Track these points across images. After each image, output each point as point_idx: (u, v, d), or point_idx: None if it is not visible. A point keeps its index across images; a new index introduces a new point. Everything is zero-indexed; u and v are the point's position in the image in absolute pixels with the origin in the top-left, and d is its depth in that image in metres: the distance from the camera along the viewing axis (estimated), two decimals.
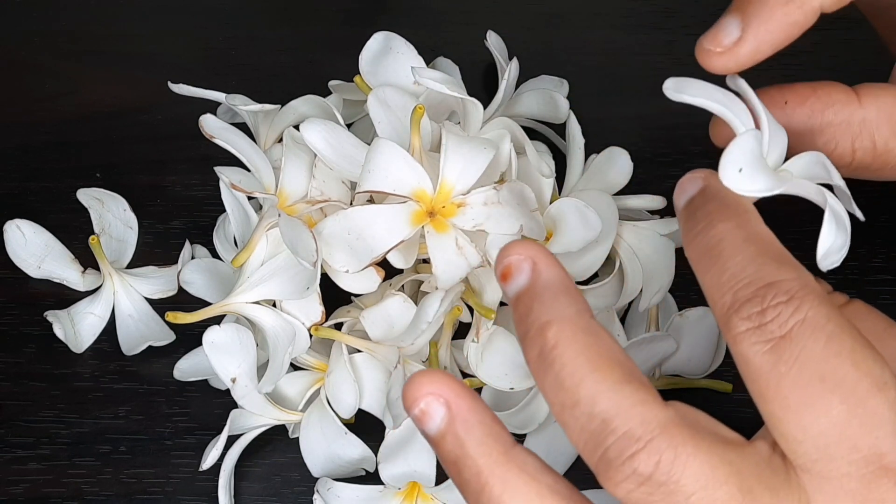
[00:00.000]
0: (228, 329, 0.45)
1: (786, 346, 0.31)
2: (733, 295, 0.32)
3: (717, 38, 0.36)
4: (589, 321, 0.33)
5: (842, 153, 0.37)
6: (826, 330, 0.31)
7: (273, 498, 0.48)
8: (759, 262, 0.32)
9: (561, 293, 0.34)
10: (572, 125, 0.50)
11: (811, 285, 0.32)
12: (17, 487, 0.48)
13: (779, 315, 0.31)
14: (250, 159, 0.47)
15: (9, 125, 0.56)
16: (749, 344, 0.32)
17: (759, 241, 0.33)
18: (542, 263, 0.34)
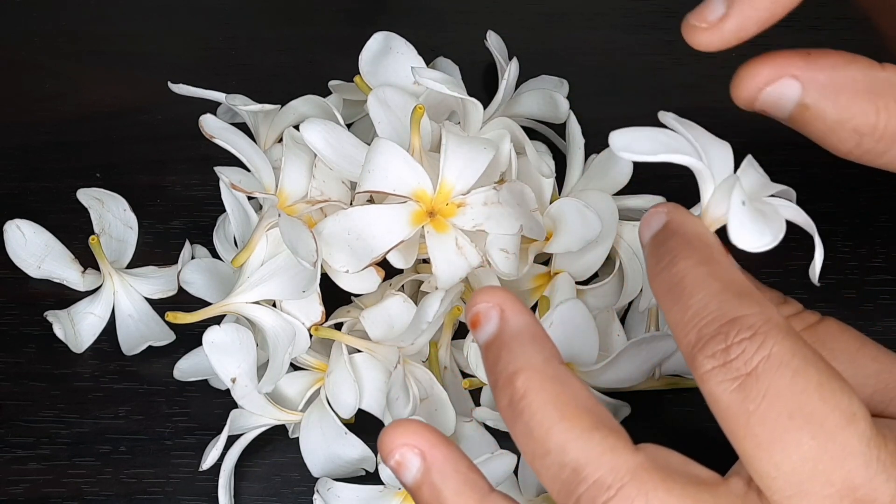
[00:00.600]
0: (228, 329, 0.45)
1: (752, 384, 0.31)
2: (697, 332, 0.32)
3: (702, 15, 0.35)
4: (557, 368, 0.33)
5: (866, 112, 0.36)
6: (792, 365, 0.31)
7: (273, 498, 0.48)
8: (722, 298, 0.32)
9: (528, 341, 0.34)
10: (572, 125, 0.50)
11: (774, 319, 0.32)
12: (17, 487, 0.48)
13: (743, 352, 0.31)
14: (250, 159, 0.47)
15: (9, 125, 0.56)
16: (716, 382, 0.32)
17: (722, 277, 0.33)
18: (510, 311, 0.34)
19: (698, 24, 0.35)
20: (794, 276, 0.51)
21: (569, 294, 0.47)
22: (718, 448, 0.34)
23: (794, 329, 0.32)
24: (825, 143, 0.37)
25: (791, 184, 0.53)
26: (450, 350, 0.48)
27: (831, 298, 0.50)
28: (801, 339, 0.32)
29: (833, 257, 0.51)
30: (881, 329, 0.50)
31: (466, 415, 0.47)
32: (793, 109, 0.36)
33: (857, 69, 0.36)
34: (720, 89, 0.56)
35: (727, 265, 0.33)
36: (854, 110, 0.36)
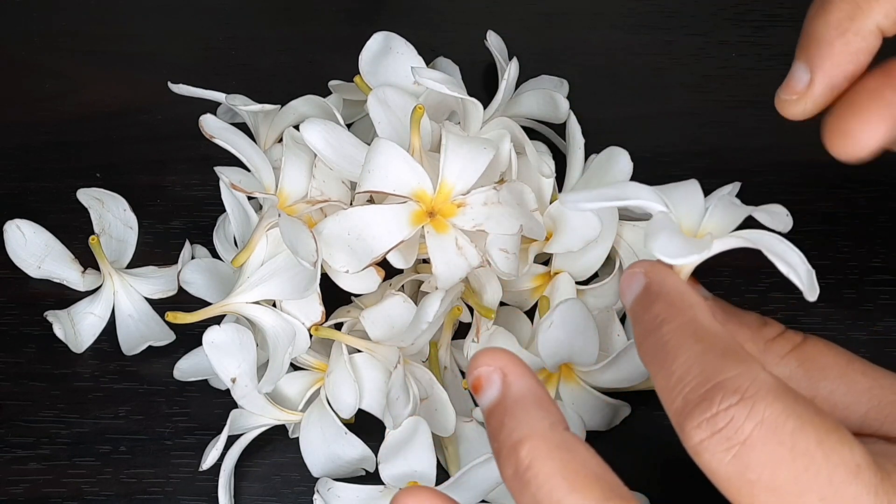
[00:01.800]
0: (228, 329, 0.45)
1: (750, 453, 0.30)
2: (683, 399, 0.31)
3: (790, 87, 0.35)
4: (563, 434, 0.32)
5: None
6: (788, 427, 0.30)
7: (273, 498, 0.48)
8: (705, 361, 0.31)
9: (532, 406, 0.33)
10: (572, 125, 0.50)
11: (761, 378, 0.31)
12: (17, 487, 0.48)
13: (733, 420, 0.30)
14: (250, 159, 0.47)
15: (9, 125, 0.56)
16: (710, 455, 0.31)
17: (706, 338, 0.32)
18: (513, 374, 0.33)
19: (789, 98, 0.35)
20: None
21: (569, 294, 0.47)
22: None
23: (784, 385, 0.31)
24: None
25: (791, 184, 0.54)
26: (450, 350, 0.48)
27: (831, 298, 0.50)
28: (793, 394, 0.31)
29: (833, 257, 0.51)
30: (881, 329, 0.50)
31: (466, 415, 0.47)
32: None
33: None
34: (720, 89, 0.56)
35: (711, 326, 0.32)
36: None
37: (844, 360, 0.35)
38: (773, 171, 0.54)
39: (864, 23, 0.35)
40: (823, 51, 0.35)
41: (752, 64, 0.57)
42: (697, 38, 0.58)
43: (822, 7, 0.35)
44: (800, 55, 0.36)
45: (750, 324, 0.35)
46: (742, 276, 0.51)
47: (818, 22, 0.35)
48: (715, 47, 0.57)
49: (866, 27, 0.35)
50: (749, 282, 0.51)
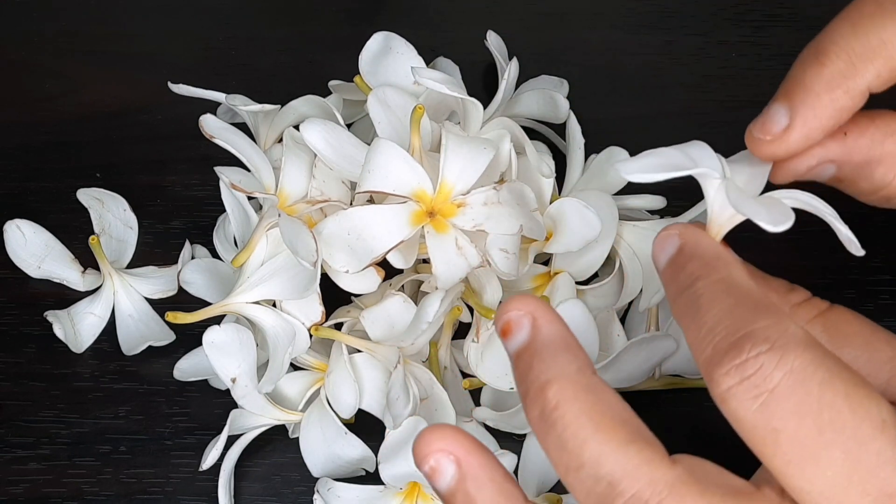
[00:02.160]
0: (228, 329, 0.45)
1: (777, 402, 0.30)
2: (713, 348, 0.31)
3: (765, 127, 0.35)
4: (590, 378, 0.33)
5: None
6: (816, 378, 0.30)
7: (273, 498, 0.48)
8: (736, 313, 0.32)
9: (561, 350, 0.33)
10: (572, 125, 0.50)
11: (791, 330, 0.31)
12: (17, 487, 0.48)
13: (761, 367, 0.30)
14: (250, 159, 0.47)
15: (9, 125, 0.56)
16: (737, 402, 0.31)
17: (738, 292, 0.32)
18: (543, 319, 0.34)
19: (763, 137, 0.35)
20: (794, 276, 0.51)
21: (569, 294, 0.47)
22: (718, 447, 0.34)
23: (814, 338, 0.31)
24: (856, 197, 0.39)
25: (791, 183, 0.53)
26: (450, 350, 0.48)
27: (831, 298, 0.50)
28: (822, 347, 0.31)
29: (833, 257, 0.51)
30: None
31: (466, 415, 0.47)
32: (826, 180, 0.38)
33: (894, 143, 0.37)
34: (720, 89, 0.56)
35: (744, 282, 0.33)
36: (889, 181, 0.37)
37: (869, 329, 0.35)
38: None
39: (856, 82, 0.35)
40: (809, 101, 0.35)
41: (752, 64, 0.57)
42: (697, 38, 0.58)
43: (816, 58, 0.35)
44: (782, 97, 0.36)
45: (777, 288, 0.35)
46: None
47: (810, 72, 0.35)
48: (715, 47, 0.57)
49: (857, 87, 0.35)
50: None
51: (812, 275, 0.51)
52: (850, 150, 0.36)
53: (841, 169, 0.37)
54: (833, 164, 0.37)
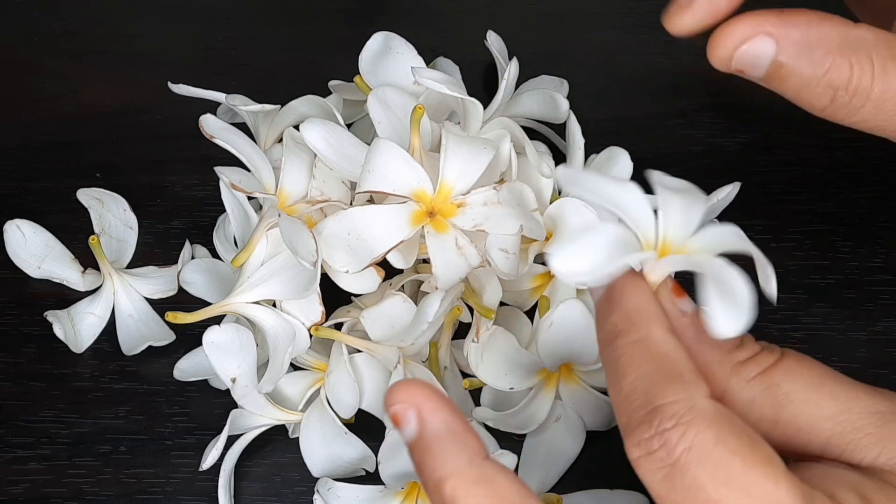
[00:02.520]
0: (228, 329, 0.45)
1: (677, 476, 0.31)
2: (627, 416, 0.32)
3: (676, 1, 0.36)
4: (481, 468, 0.33)
5: (839, 67, 0.36)
6: (713, 457, 0.31)
7: (273, 498, 0.48)
8: (650, 383, 0.32)
9: (449, 442, 0.33)
10: (572, 125, 0.50)
11: (698, 406, 0.32)
12: (17, 487, 0.48)
13: (665, 443, 0.31)
14: (250, 159, 0.47)
15: (9, 125, 0.56)
16: (644, 471, 0.32)
17: (655, 358, 0.33)
18: (427, 410, 0.34)
19: (672, 10, 0.36)
20: (794, 276, 0.51)
21: (569, 294, 0.47)
22: None
23: (722, 415, 0.32)
24: (800, 101, 0.37)
25: (791, 183, 0.54)
26: (450, 350, 0.48)
27: (831, 298, 0.50)
28: (728, 425, 0.32)
29: (833, 257, 0.51)
30: (881, 329, 0.50)
31: (466, 415, 0.47)
32: (768, 67, 0.36)
33: (831, 26, 0.36)
34: (720, 89, 0.56)
35: (664, 344, 0.33)
36: (827, 65, 0.36)
37: (817, 381, 0.34)
38: (774, 171, 0.54)
39: None
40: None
41: None
42: (697, 38, 0.58)
43: None
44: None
45: (722, 345, 0.34)
46: None
47: None
48: None
49: None
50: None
51: (812, 275, 0.51)
52: (786, 24, 0.36)
53: (781, 48, 0.36)
54: (771, 38, 0.36)
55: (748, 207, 0.52)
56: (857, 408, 0.34)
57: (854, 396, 0.34)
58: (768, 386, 0.34)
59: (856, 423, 0.34)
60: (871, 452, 0.33)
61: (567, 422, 0.47)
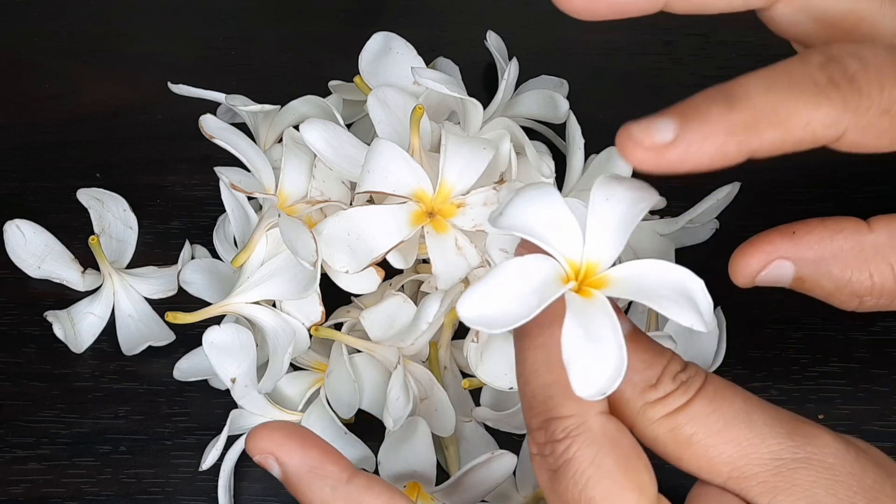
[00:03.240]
0: (228, 329, 0.45)
1: (556, 481, 0.34)
2: (529, 419, 0.35)
3: (649, 132, 0.34)
4: (345, 492, 0.36)
5: (860, 280, 0.37)
6: (586, 474, 0.33)
7: (273, 498, 0.48)
8: (548, 394, 0.34)
9: (311, 478, 0.37)
10: (572, 125, 0.50)
11: (587, 425, 0.34)
12: (17, 487, 0.48)
13: (553, 451, 0.34)
14: (250, 159, 0.47)
15: (9, 125, 0.56)
16: (536, 468, 0.35)
17: (555, 367, 0.34)
18: (282, 456, 0.37)
19: (641, 142, 0.34)
20: None
21: None
22: None
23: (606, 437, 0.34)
24: (831, 303, 0.38)
25: (791, 183, 0.53)
26: (450, 350, 0.48)
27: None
28: (608, 447, 0.34)
29: None
30: (881, 329, 0.50)
31: (466, 415, 0.47)
32: (791, 283, 0.38)
33: (844, 239, 0.37)
34: None
35: None
36: (847, 278, 0.37)
37: (722, 424, 0.35)
38: (773, 171, 0.54)
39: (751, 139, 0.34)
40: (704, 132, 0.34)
41: (752, 64, 0.57)
42: (697, 38, 0.58)
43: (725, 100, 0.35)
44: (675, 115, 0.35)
45: (636, 382, 0.35)
46: None
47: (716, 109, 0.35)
48: (715, 47, 0.57)
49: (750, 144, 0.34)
50: None
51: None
52: (800, 247, 0.37)
53: (799, 267, 0.37)
54: (788, 261, 0.37)
55: (748, 207, 0.52)
56: (758, 454, 0.34)
57: (759, 441, 0.35)
58: (672, 428, 0.35)
59: (751, 471, 0.34)
60: (763, 500, 0.34)
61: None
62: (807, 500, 0.34)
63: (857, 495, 0.34)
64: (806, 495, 0.34)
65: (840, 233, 0.37)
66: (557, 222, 0.34)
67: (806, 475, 0.34)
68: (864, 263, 0.37)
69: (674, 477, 0.36)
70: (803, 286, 0.38)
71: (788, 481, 0.34)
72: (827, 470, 0.34)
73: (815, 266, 0.37)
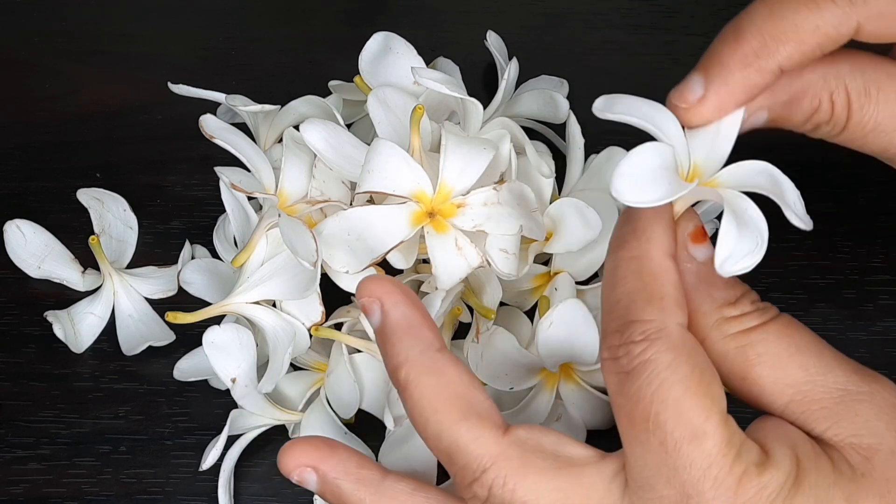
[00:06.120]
0: (228, 329, 0.45)
1: (627, 382, 0.35)
2: (607, 324, 0.36)
3: (683, 95, 0.38)
4: (433, 359, 0.37)
5: (823, 108, 0.39)
6: (661, 376, 0.34)
7: (273, 498, 0.48)
8: (632, 299, 0.36)
9: (405, 335, 0.38)
10: (572, 125, 0.50)
11: (667, 329, 0.35)
12: (17, 487, 0.48)
13: (628, 353, 0.35)
14: (250, 159, 0.47)
15: (9, 125, 0.56)
16: (606, 371, 0.36)
17: (645, 276, 0.36)
18: (389, 304, 0.38)
19: (679, 105, 0.38)
20: (794, 276, 0.51)
21: (569, 294, 0.47)
22: None
23: (686, 343, 0.35)
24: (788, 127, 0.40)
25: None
26: None
27: (831, 298, 0.50)
28: (686, 354, 0.35)
29: (833, 257, 0.51)
30: (881, 329, 0.50)
31: None
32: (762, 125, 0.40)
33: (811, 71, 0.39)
34: None
35: (655, 265, 0.36)
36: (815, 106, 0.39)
37: (793, 350, 0.36)
38: None
39: (767, 62, 0.37)
40: (724, 76, 0.37)
41: None
42: (697, 38, 0.58)
43: (734, 36, 0.37)
44: (700, 70, 0.38)
45: (716, 297, 0.37)
46: (741, 275, 0.51)
47: (727, 49, 0.37)
48: None
49: (768, 66, 0.37)
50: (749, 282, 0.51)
51: (812, 275, 0.51)
52: (773, 93, 0.38)
53: (772, 111, 0.39)
54: (762, 109, 0.39)
55: None
56: (823, 381, 0.36)
57: (826, 371, 0.36)
58: (742, 345, 0.36)
59: (815, 395, 0.36)
60: (822, 425, 0.36)
61: (567, 422, 0.47)
62: (867, 430, 0.35)
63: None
64: (867, 426, 0.35)
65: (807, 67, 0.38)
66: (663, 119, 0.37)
67: (868, 408, 0.35)
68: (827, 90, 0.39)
69: None
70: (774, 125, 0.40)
71: (851, 410, 0.35)
72: (889, 406, 0.36)
73: (787, 107, 0.39)
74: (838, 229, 0.52)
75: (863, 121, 0.39)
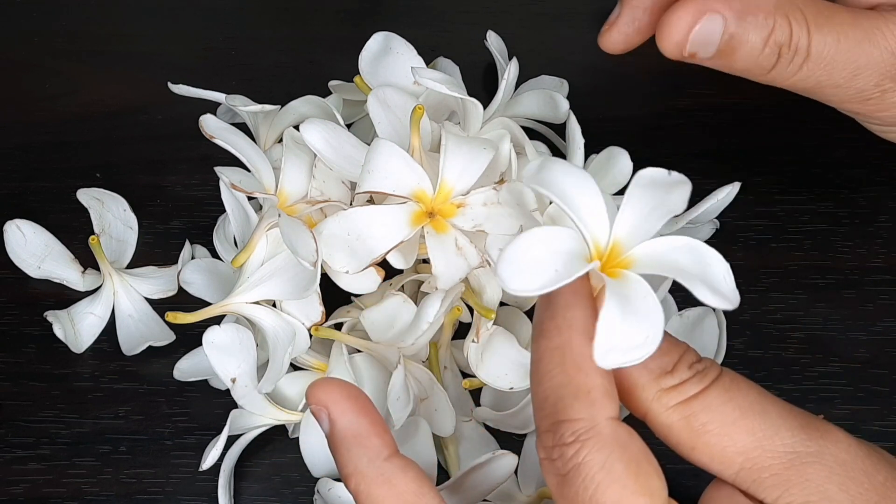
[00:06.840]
0: (228, 329, 0.45)
1: (565, 485, 0.34)
2: (539, 420, 0.35)
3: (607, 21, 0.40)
4: (380, 469, 0.36)
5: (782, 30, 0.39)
6: (596, 479, 0.33)
7: (273, 498, 0.48)
8: (559, 395, 0.34)
9: (354, 444, 0.37)
10: (572, 125, 0.50)
11: (598, 428, 0.34)
12: (17, 487, 0.48)
13: (562, 455, 0.34)
14: (250, 159, 0.47)
15: (9, 125, 0.56)
16: (545, 472, 0.35)
17: (569, 368, 0.34)
18: (336, 412, 0.37)
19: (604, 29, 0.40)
20: (794, 276, 0.51)
21: None
22: None
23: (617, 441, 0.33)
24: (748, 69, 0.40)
25: (791, 183, 0.54)
26: (450, 350, 0.48)
27: (831, 298, 0.51)
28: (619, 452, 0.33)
29: (833, 257, 0.52)
30: (881, 329, 0.50)
31: (466, 415, 0.47)
32: (719, 43, 0.39)
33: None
34: (720, 90, 0.56)
35: (577, 350, 0.34)
36: (771, 25, 0.39)
37: (738, 414, 0.35)
38: (774, 171, 0.54)
39: None
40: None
41: None
42: None
43: None
44: None
45: (652, 369, 0.35)
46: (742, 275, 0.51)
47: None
48: None
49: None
50: (749, 281, 0.51)
51: (812, 275, 0.51)
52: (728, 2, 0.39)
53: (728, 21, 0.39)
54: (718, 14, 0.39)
55: (748, 208, 0.52)
56: (771, 445, 0.34)
57: (773, 433, 0.34)
58: (686, 415, 0.35)
59: (764, 462, 0.34)
60: (773, 493, 0.34)
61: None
62: (819, 495, 0.34)
63: (869, 492, 0.34)
64: (818, 490, 0.34)
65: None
66: (589, 197, 0.34)
67: (819, 470, 0.34)
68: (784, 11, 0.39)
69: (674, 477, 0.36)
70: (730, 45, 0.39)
71: (801, 475, 0.34)
72: (840, 465, 0.34)
73: (742, 17, 0.39)
74: (838, 229, 0.52)
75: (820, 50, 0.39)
